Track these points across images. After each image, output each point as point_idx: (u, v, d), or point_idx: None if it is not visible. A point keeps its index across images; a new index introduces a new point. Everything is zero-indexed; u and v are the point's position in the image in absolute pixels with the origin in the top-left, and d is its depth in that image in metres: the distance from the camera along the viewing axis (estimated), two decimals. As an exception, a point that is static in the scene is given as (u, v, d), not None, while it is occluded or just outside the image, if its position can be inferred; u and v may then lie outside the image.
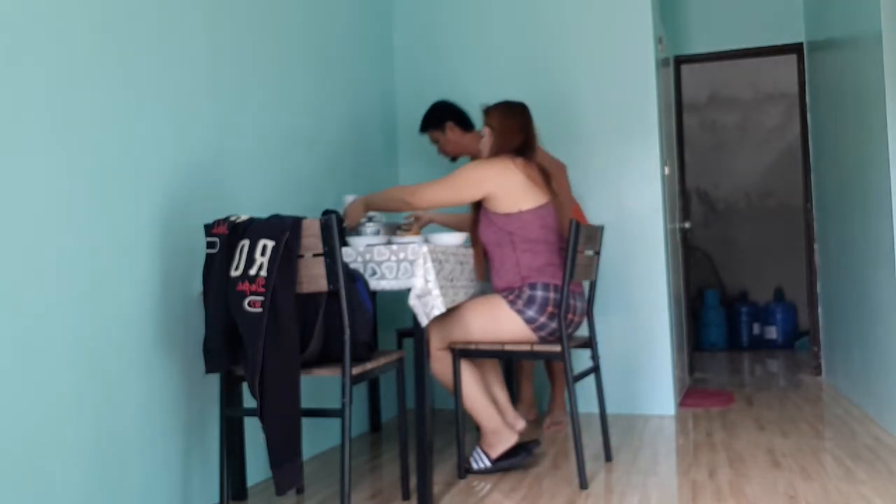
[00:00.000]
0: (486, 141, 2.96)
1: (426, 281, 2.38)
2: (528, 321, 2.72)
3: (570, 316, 2.77)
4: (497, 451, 2.81)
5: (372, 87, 3.96)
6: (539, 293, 2.73)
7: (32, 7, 1.92)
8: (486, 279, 3.01)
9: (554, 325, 2.73)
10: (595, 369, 2.93)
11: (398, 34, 4.26)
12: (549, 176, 2.97)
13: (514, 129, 2.91)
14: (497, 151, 2.89)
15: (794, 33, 4.90)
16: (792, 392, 4.34)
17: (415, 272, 2.38)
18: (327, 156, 3.44)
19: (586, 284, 3.21)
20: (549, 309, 2.72)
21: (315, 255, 2.17)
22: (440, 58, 4.18)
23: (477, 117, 4.03)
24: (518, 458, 2.82)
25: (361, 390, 3.67)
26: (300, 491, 2.67)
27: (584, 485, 2.60)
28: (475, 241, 2.92)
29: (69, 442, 1.97)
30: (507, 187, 2.78)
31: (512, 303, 2.75)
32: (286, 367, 2.10)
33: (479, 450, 2.83)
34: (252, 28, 2.91)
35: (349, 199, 2.91)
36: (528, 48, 4.02)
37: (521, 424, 2.94)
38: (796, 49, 4.92)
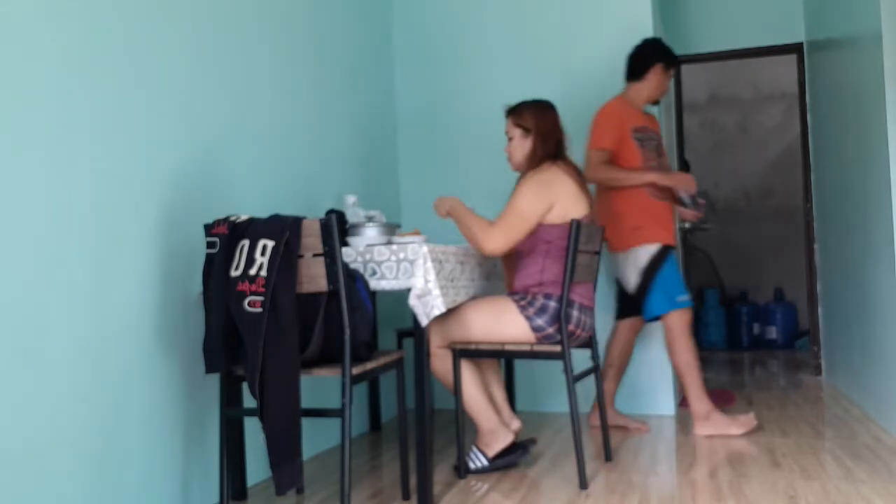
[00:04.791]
0: (519, 145, 2.83)
1: (426, 281, 2.38)
2: (536, 329, 2.69)
3: (578, 331, 2.74)
4: (493, 450, 2.80)
5: (372, 87, 3.96)
6: (553, 304, 2.69)
7: (33, 8, 1.92)
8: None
9: (560, 338, 2.69)
10: (595, 369, 2.93)
11: (398, 34, 4.26)
12: (585, 177, 2.86)
13: (552, 131, 2.81)
14: (541, 157, 2.78)
15: (794, 33, 4.90)
16: (792, 392, 4.34)
17: (415, 272, 2.38)
18: (327, 156, 3.44)
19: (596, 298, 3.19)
20: (560, 322, 2.67)
21: (315, 255, 2.17)
22: (440, 58, 4.18)
23: (479, 115, 4.04)
24: (514, 456, 2.82)
25: (361, 390, 3.67)
26: (300, 491, 2.67)
27: (584, 485, 2.60)
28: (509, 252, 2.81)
29: (69, 441, 1.97)
30: (563, 199, 2.70)
31: (522, 308, 2.71)
32: (286, 367, 2.10)
33: (475, 449, 2.83)
34: (253, 28, 2.91)
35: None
36: (527, 48, 4.02)
37: (516, 423, 2.93)
38: (796, 49, 4.92)
